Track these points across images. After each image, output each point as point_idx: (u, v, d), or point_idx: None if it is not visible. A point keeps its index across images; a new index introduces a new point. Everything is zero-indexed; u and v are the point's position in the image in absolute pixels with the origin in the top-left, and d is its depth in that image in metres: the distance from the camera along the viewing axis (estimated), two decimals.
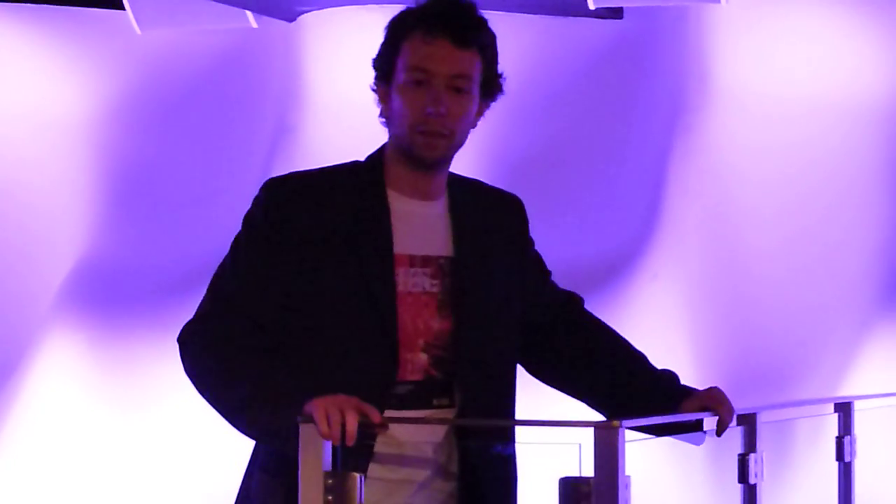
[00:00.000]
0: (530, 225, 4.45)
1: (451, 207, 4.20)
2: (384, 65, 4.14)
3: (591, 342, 4.44)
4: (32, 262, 8.85)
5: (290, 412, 3.75)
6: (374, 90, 4.20)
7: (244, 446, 4.22)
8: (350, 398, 3.72)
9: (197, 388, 4.06)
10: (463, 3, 4.11)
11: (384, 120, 4.20)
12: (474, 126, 4.18)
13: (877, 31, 8.21)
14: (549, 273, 4.47)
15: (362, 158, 4.22)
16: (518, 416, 4.31)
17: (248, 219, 4.15)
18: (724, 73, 8.29)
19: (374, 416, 3.73)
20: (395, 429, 3.94)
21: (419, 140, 4.07)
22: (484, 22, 4.12)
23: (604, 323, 4.49)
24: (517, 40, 8.11)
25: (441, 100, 4.03)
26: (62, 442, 8.79)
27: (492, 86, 4.15)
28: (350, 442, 3.67)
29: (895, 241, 7.96)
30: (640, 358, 4.40)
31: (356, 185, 4.14)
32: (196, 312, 4.13)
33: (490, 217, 4.28)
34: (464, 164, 4.37)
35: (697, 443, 4.28)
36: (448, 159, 4.14)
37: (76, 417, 8.75)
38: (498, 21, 4.31)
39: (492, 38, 4.13)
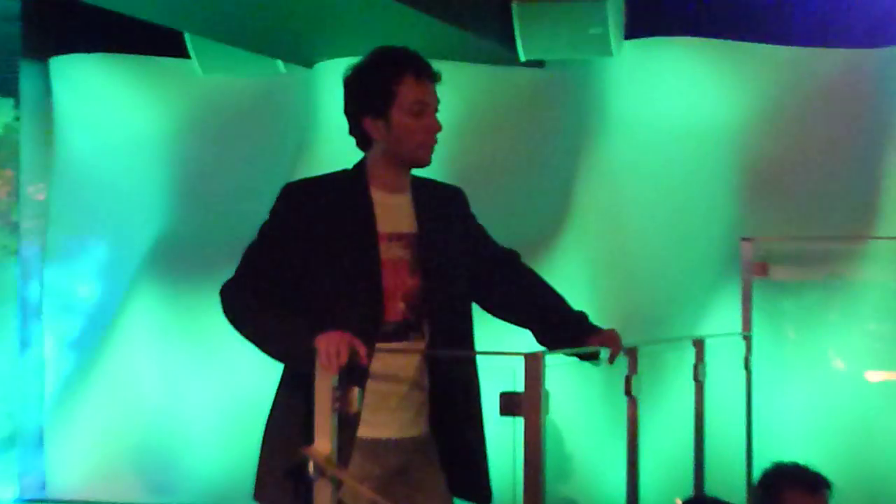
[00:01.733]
0: (476, 211, 4.70)
1: (414, 198, 4.48)
2: (377, 104, 4.35)
3: (526, 287, 4.68)
4: (126, 237, 9.61)
5: (305, 341, 4.00)
6: (360, 124, 4.39)
7: (276, 370, 4.46)
8: (345, 335, 3.97)
9: (233, 327, 4.30)
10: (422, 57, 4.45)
11: (364, 138, 4.42)
12: None
13: (722, 74, 8.72)
14: (490, 238, 4.70)
15: (346, 167, 4.50)
16: (476, 348, 4.49)
17: (272, 211, 4.42)
18: (617, 106, 8.86)
19: (361, 350, 3.97)
20: (383, 356, 4.24)
21: (421, 153, 4.41)
22: None
23: (535, 272, 4.74)
24: (463, 82, 8.73)
25: (436, 124, 4.41)
26: (147, 369, 9.47)
27: None
28: (335, 370, 3.94)
29: (733, 229, 8.38)
30: (561, 300, 4.65)
31: (348, 185, 4.42)
32: (233, 275, 4.37)
33: (441, 203, 4.56)
34: (429, 172, 4.56)
35: (597, 366, 4.55)
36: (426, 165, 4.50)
37: (157, 350, 9.45)
38: (449, 67, 4.54)
39: None
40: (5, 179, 9.66)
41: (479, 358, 4.50)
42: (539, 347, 4.32)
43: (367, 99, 4.40)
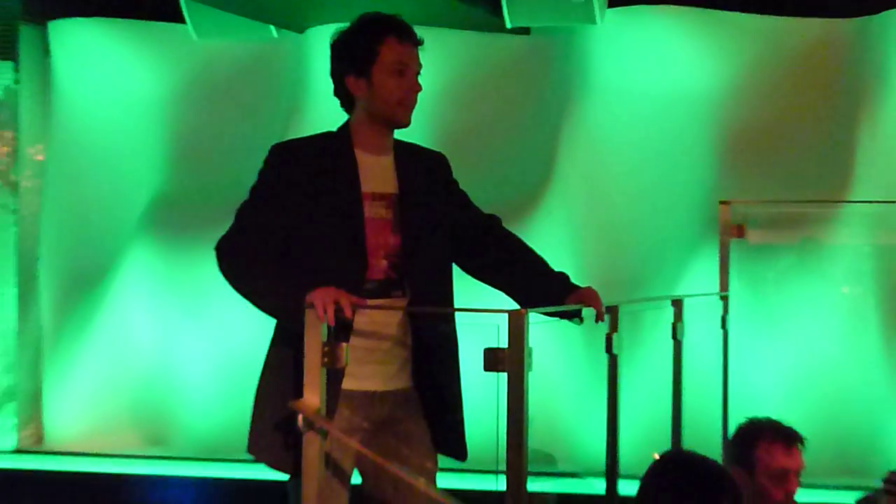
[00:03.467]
0: (461, 175, 4.71)
1: (396, 160, 4.50)
2: (359, 63, 4.40)
3: (507, 249, 4.65)
4: (123, 196, 9.59)
5: (295, 298, 4.05)
6: (343, 82, 4.44)
7: (269, 326, 4.48)
8: (335, 290, 4.03)
9: (228, 281, 4.33)
10: (404, 21, 4.48)
11: (346, 99, 4.47)
12: None
13: (702, 43, 8.76)
14: (472, 202, 4.70)
15: (333, 129, 4.53)
16: (457, 305, 4.56)
17: (261, 171, 4.46)
18: (600, 73, 8.90)
19: (347, 305, 4.01)
20: (368, 312, 4.27)
21: (400, 111, 4.42)
22: None
23: (516, 235, 4.71)
24: (450, 48, 8.84)
25: (416, 85, 4.44)
26: (142, 325, 9.46)
27: None
28: (332, 323, 4.00)
29: (711, 193, 8.37)
30: (542, 261, 4.63)
31: (333, 146, 4.45)
32: (226, 232, 4.39)
33: (423, 166, 4.58)
34: (415, 135, 4.64)
35: (579, 324, 4.57)
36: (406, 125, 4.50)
37: (153, 306, 9.44)
38: (436, 34, 4.87)
39: None
40: (5, 140, 9.64)
41: (463, 315, 4.52)
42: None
43: (350, 58, 4.44)
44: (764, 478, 4.80)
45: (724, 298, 7.15)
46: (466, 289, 4.67)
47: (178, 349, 9.43)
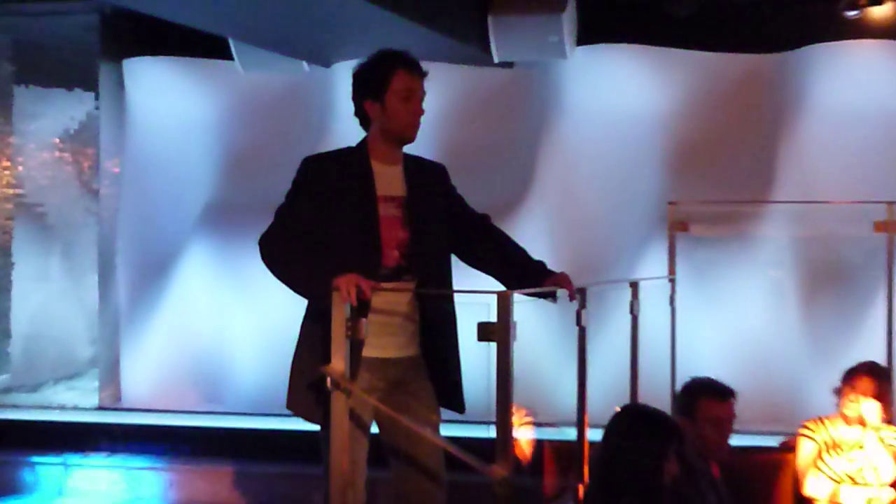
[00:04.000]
0: (457, 182, 4.70)
1: (405, 169, 4.50)
2: (375, 90, 4.38)
3: (496, 242, 4.65)
4: (184, 201, 9.52)
5: (323, 283, 4.07)
6: (362, 105, 4.45)
7: (301, 305, 4.49)
8: (356, 276, 4.06)
9: (269, 269, 4.34)
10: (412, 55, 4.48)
11: (365, 119, 4.46)
12: None
13: (653, 74, 8.74)
14: (466, 204, 4.69)
15: (354, 144, 4.54)
16: (455, 288, 4.57)
17: (295, 179, 4.46)
18: (570, 98, 8.87)
19: (366, 287, 4.05)
20: (383, 293, 4.28)
21: (408, 130, 4.42)
22: None
23: (502, 231, 4.72)
24: (448, 79, 8.70)
25: (420, 109, 4.43)
26: (201, 304, 9.41)
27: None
28: (354, 303, 4.03)
29: (661, 195, 8.30)
30: (523, 251, 4.63)
31: (353, 157, 4.45)
32: (267, 229, 4.41)
33: (427, 174, 4.58)
34: (420, 150, 4.66)
35: (554, 303, 4.58)
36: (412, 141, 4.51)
37: (209, 290, 9.38)
38: (437, 67, 4.47)
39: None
40: (88, 156, 9.57)
41: (460, 295, 4.50)
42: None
43: (367, 86, 4.43)
44: (703, 425, 4.78)
45: (672, 281, 7.11)
46: (463, 274, 4.67)
47: (229, 324, 9.38)
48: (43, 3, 9.18)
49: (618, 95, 8.85)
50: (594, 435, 4.45)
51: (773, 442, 6.23)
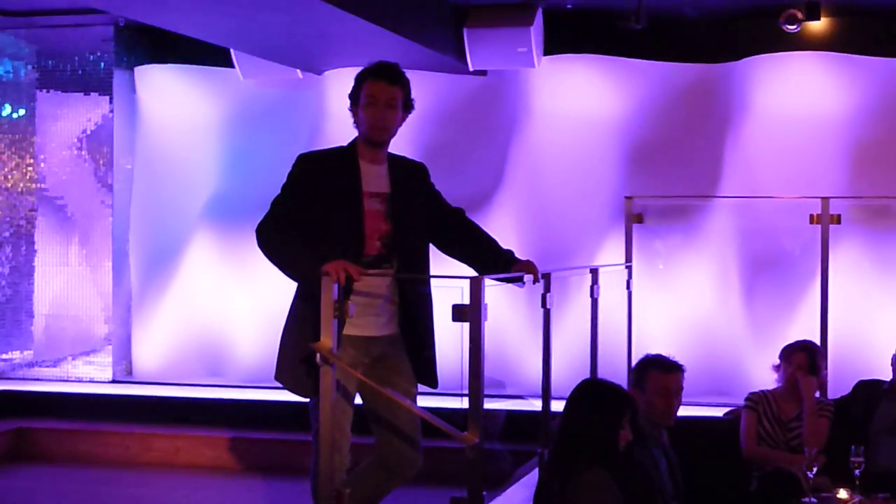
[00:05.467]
0: (436, 179, 4.70)
1: (389, 167, 4.49)
2: (353, 97, 4.44)
3: (469, 232, 4.67)
4: (189, 194, 9.45)
5: (313, 268, 4.08)
6: (350, 110, 4.49)
7: (291, 287, 4.48)
8: (343, 262, 4.08)
9: (264, 255, 4.35)
10: (391, 64, 4.47)
11: (356, 123, 4.49)
12: (400, 125, 4.50)
13: (611, 81, 8.75)
14: (444, 199, 4.68)
15: (345, 144, 4.54)
16: (432, 273, 4.54)
17: (289, 174, 4.46)
18: (537, 103, 8.87)
19: (354, 273, 4.08)
20: (366, 278, 4.23)
21: (373, 132, 4.42)
22: (402, 73, 4.48)
23: (475, 223, 4.73)
24: (428, 86, 8.68)
25: (386, 116, 4.40)
26: (204, 287, 9.38)
27: (408, 105, 4.50)
28: (343, 285, 4.06)
29: (619, 190, 8.44)
30: (494, 241, 4.65)
31: (342, 156, 4.46)
32: (263, 218, 4.40)
33: (408, 173, 4.57)
34: (403, 149, 4.70)
35: (520, 287, 4.68)
36: (387, 142, 4.48)
37: (211, 273, 9.35)
38: (419, 76, 4.69)
39: (407, 80, 4.49)
40: (103, 154, 9.51)
41: (436, 280, 4.49)
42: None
43: (350, 96, 4.49)
44: (653, 395, 4.75)
45: (628, 267, 7.11)
46: (439, 261, 4.66)
47: (229, 306, 9.38)
48: (63, 17, 9.17)
49: (580, 100, 8.85)
50: (557, 406, 4.40)
51: (718, 412, 6.22)
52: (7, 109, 9.69)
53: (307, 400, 4.40)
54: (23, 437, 8.42)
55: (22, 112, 9.67)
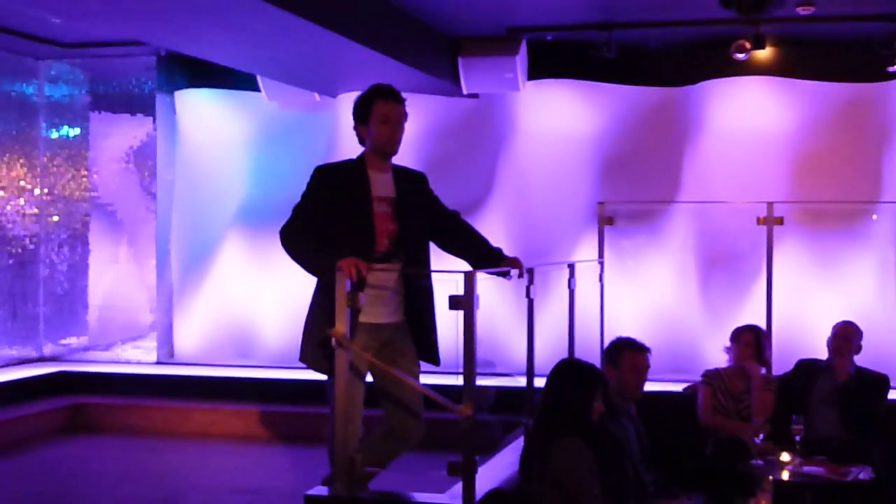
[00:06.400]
0: (434, 186, 4.62)
1: (394, 176, 4.45)
2: (362, 116, 4.37)
3: (464, 232, 4.60)
4: (222, 202, 9.41)
5: (329, 264, 4.04)
6: (357, 129, 4.42)
7: (312, 281, 4.39)
8: (355, 259, 4.03)
9: (287, 253, 4.29)
10: (390, 86, 4.41)
11: (361, 138, 4.41)
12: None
13: (585, 102, 8.73)
14: (441, 203, 4.61)
15: (355, 156, 4.49)
16: (433, 268, 4.47)
17: (308, 183, 4.39)
18: (522, 122, 8.83)
19: (363, 268, 4.02)
20: (376, 272, 4.24)
21: (387, 146, 4.36)
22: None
23: (469, 223, 4.66)
24: (427, 108, 8.71)
25: (398, 130, 4.38)
26: (236, 280, 9.36)
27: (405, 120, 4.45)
28: (354, 280, 4.00)
29: (593, 196, 8.31)
30: (485, 240, 4.60)
31: (354, 167, 4.40)
32: (286, 223, 4.35)
33: (411, 180, 4.52)
34: (406, 161, 4.65)
35: (508, 280, 4.57)
36: (397, 153, 4.44)
37: (242, 268, 9.32)
38: (418, 98, 4.59)
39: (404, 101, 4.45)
40: (148, 167, 9.46)
41: (436, 273, 4.46)
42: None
43: (357, 114, 4.41)
44: (626, 372, 4.74)
45: (601, 263, 6.87)
46: (439, 258, 4.62)
47: (258, 297, 9.34)
48: (112, 48, 9.13)
49: (559, 119, 8.82)
50: (540, 382, 4.38)
51: (678, 387, 6.20)
52: (65, 129, 9.69)
53: (326, 378, 4.31)
54: (79, 411, 8.43)
55: (77, 131, 9.66)
